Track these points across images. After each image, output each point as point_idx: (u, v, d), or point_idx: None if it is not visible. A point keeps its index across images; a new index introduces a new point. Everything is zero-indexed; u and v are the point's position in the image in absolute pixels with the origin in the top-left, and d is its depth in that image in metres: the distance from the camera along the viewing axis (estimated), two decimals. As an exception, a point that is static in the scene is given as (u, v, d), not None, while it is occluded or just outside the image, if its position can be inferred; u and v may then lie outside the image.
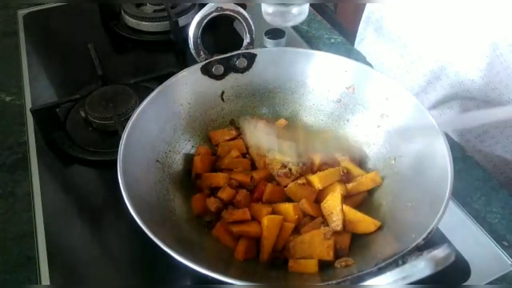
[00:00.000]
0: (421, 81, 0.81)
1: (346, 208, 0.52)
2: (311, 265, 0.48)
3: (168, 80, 0.60)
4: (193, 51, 0.62)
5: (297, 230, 0.53)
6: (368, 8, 0.95)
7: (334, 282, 0.41)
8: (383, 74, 0.60)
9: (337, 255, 0.50)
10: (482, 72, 0.70)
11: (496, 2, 0.66)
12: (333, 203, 0.53)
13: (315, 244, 0.49)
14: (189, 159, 0.62)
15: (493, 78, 0.70)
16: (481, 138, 0.77)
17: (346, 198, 0.55)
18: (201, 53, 0.62)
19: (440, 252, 0.34)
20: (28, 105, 0.79)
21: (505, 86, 0.70)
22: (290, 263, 0.49)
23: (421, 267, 0.35)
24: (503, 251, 0.56)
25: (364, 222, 0.51)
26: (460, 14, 0.71)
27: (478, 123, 0.64)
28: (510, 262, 0.55)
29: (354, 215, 0.52)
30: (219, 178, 0.57)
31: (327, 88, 0.65)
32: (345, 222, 0.52)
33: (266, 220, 0.51)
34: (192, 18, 0.60)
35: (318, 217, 0.53)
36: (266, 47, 0.85)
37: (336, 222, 0.52)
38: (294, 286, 0.49)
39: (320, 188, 0.55)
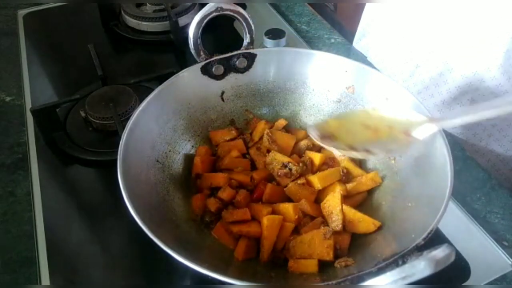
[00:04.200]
0: (427, 83, 0.81)
1: (346, 208, 0.52)
2: (311, 265, 0.48)
3: (168, 80, 0.60)
4: (193, 51, 0.62)
5: (297, 230, 0.53)
6: (370, 11, 0.94)
7: (334, 282, 0.42)
8: (383, 74, 0.60)
9: (337, 255, 0.50)
10: (493, 72, 0.70)
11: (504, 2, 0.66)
12: (333, 203, 0.53)
13: (315, 244, 0.49)
14: (189, 159, 0.62)
15: (502, 78, 0.70)
16: (479, 136, 0.77)
17: (346, 198, 0.55)
18: (201, 53, 0.62)
19: (440, 252, 0.34)
20: (28, 105, 0.79)
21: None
22: (290, 263, 0.49)
23: (421, 267, 0.35)
24: (503, 251, 0.56)
25: (364, 222, 0.51)
26: (471, 14, 0.71)
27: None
28: (510, 262, 0.55)
29: (354, 215, 0.52)
30: (219, 178, 0.57)
31: (327, 88, 0.65)
32: (345, 222, 0.52)
33: (266, 220, 0.51)
34: (192, 18, 0.60)
35: (318, 217, 0.53)
36: (266, 47, 0.85)
37: (336, 222, 0.52)
38: (294, 286, 0.49)
39: (320, 188, 0.55)
